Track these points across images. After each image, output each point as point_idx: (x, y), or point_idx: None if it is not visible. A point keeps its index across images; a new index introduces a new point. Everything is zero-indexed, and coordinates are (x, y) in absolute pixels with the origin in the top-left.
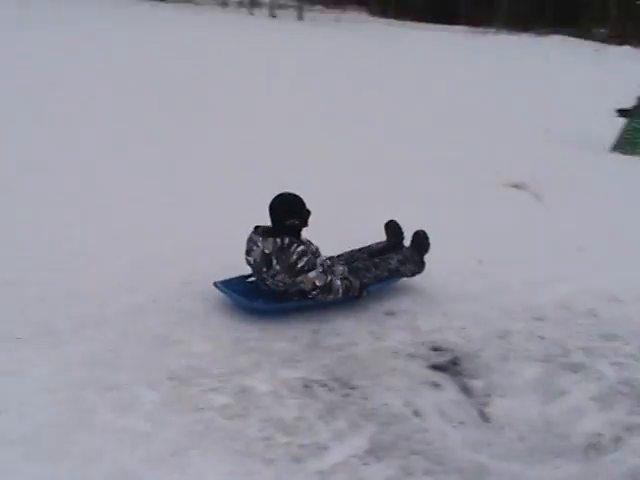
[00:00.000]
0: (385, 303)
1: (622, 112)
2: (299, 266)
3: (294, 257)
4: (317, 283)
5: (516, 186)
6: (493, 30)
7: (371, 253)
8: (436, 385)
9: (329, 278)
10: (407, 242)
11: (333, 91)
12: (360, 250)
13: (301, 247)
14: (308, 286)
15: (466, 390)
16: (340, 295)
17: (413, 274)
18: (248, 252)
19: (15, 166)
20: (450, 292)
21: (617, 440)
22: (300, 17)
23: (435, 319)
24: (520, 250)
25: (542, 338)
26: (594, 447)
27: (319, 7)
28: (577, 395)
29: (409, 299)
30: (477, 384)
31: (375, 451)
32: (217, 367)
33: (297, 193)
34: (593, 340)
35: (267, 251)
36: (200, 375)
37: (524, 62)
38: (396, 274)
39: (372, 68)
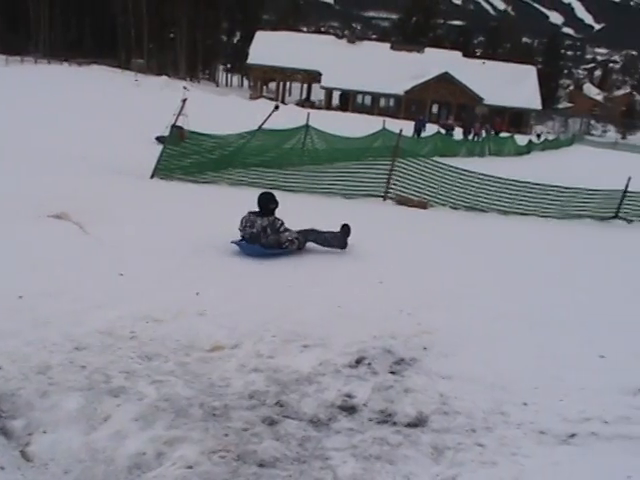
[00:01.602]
0: None
1: (160, 139)
2: (281, 230)
3: (278, 225)
4: (289, 238)
5: (59, 217)
6: (31, 59)
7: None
8: None
9: (293, 237)
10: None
11: None
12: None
13: (281, 221)
14: (283, 240)
15: (6, 432)
16: (295, 247)
17: (340, 248)
18: (251, 225)
19: None
20: None
21: (159, 455)
22: None
23: None
24: (64, 280)
25: (84, 367)
26: (138, 466)
27: None
28: (119, 418)
29: None
30: (17, 424)
31: None
32: None
33: None
34: (134, 362)
35: (264, 224)
36: None
37: (65, 92)
38: (327, 243)
39: None
